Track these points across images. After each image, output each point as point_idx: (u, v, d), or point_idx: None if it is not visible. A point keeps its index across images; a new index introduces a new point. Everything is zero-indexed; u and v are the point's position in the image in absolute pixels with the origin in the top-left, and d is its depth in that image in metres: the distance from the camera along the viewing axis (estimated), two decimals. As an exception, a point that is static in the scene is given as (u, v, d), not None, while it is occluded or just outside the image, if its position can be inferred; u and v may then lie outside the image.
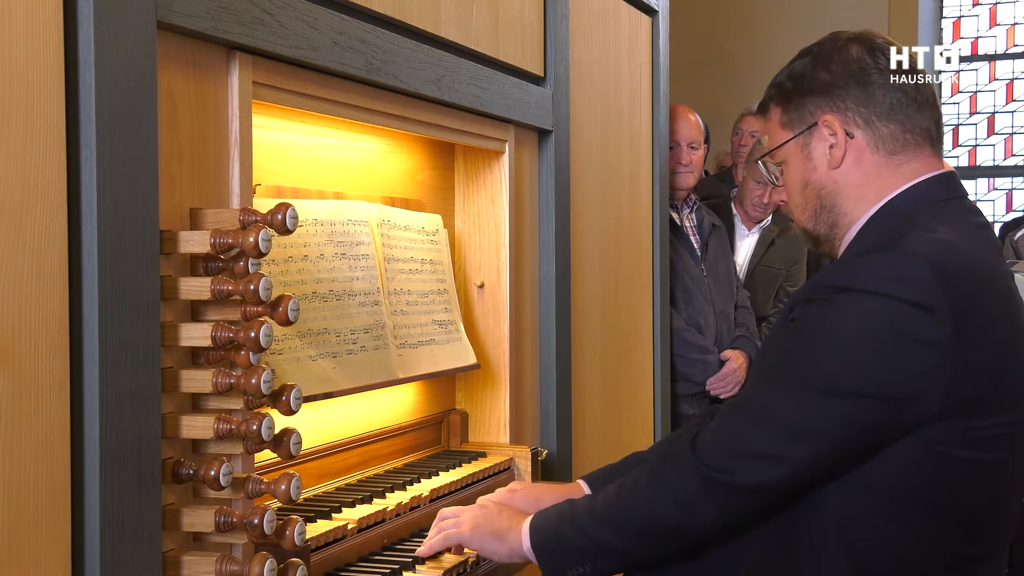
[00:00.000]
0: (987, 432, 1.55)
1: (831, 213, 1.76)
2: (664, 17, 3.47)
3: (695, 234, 3.80)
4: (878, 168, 1.71)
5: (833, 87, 1.73)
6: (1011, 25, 7.83)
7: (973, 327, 1.53)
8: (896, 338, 1.51)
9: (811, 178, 1.77)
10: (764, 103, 1.86)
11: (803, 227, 1.82)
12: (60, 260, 1.28)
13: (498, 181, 2.49)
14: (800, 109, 1.77)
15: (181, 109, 1.51)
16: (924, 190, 1.70)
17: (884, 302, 1.52)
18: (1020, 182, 7.83)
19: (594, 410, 2.98)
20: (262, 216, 1.49)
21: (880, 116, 1.71)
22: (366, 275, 2.08)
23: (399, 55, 1.97)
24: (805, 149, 1.77)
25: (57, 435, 1.27)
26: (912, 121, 1.71)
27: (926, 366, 1.51)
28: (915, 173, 1.71)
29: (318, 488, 2.02)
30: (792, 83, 1.79)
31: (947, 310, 1.51)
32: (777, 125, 1.82)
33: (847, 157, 1.72)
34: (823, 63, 1.75)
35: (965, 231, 1.64)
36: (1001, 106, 7.85)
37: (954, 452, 1.54)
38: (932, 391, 1.51)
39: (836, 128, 1.72)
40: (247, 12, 1.58)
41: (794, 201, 1.82)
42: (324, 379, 1.89)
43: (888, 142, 1.71)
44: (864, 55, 1.73)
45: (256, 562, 1.44)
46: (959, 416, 1.53)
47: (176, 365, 1.48)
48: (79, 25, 1.30)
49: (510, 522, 1.81)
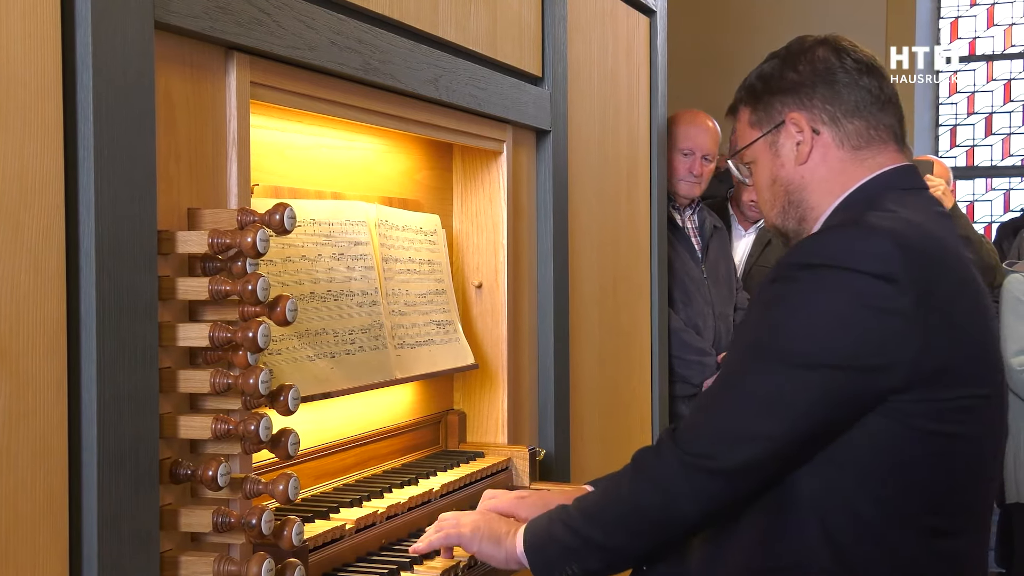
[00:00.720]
0: (953, 404, 1.58)
1: (799, 208, 1.81)
2: (662, 17, 3.47)
3: (696, 235, 3.80)
4: (843, 163, 1.77)
5: (800, 86, 1.79)
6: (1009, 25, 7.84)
7: (935, 299, 1.56)
8: (861, 309, 1.54)
9: (779, 174, 1.82)
10: (733, 105, 1.93)
11: (773, 223, 1.88)
12: (58, 260, 1.27)
13: (496, 181, 2.49)
14: (768, 108, 1.83)
15: (179, 109, 1.51)
16: (887, 179, 1.75)
17: (847, 275, 1.55)
18: (1018, 182, 7.84)
19: (592, 410, 2.98)
20: (260, 216, 1.49)
21: (846, 114, 1.77)
22: (364, 275, 2.08)
23: (397, 55, 1.97)
24: (773, 147, 1.82)
25: (55, 435, 1.27)
26: (876, 119, 1.77)
27: (891, 335, 1.54)
28: (879, 166, 1.77)
29: (316, 488, 2.02)
30: (761, 83, 1.85)
31: (908, 281, 1.54)
32: (746, 125, 1.88)
33: (814, 153, 1.78)
34: (791, 64, 1.82)
35: (927, 215, 1.69)
36: (999, 106, 7.86)
37: (921, 424, 1.57)
38: (899, 360, 1.54)
39: (803, 125, 1.78)
40: (245, 12, 1.58)
41: (763, 198, 1.88)
42: (322, 379, 1.89)
43: (853, 138, 1.77)
44: (830, 56, 1.79)
45: (254, 562, 1.44)
46: (925, 387, 1.56)
47: (174, 365, 1.48)
48: (77, 25, 1.30)
49: (509, 527, 1.82)
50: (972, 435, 1.62)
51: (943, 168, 4.43)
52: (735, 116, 1.92)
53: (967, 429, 1.60)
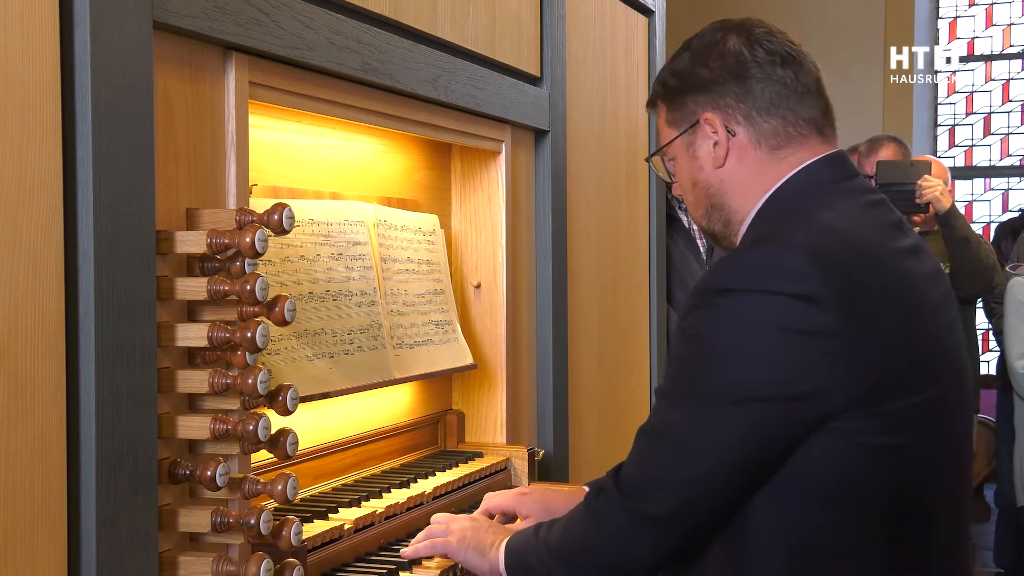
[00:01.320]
0: (897, 415, 1.52)
1: (722, 211, 1.74)
2: (661, 17, 3.47)
3: (701, 236, 3.79)
4: (761, 164, 1.69)
5: (712, 83, 1.71)
6: (1007, 25, 7.85)
7: (863, 311, 1.49)
8: (782, 333, 1.48)
9: (699, 177, 1.75)
10: (651, 99, 1.84)
11: (699, 224, 1.80)
12: (56, 260, 1.27)
13: (495, 181, 2.49)
14: (683, 107, 1.75)
15: (177, 109, 1.50)
16: (809, 175, 1.67)
17: (764, 298, 1.49)
18: (1016, 182, 7.84)
19: (591, 410, 2.98)
20: (258, 216, 1.49)
21: (761, 111, 1.68)
22: (363, 275, 2.08)
23: (395, 55, 1.97)
24: (691, 148, 1.75)
25: (53, 435, 1.27)
26: (795, 113, 1.68)
27: (817, 358, 1.47)
28: (800, 162, 1.68)
29: (315, 488, 2.02)
30: (675, 80, 1.77)
31: (831, 298, 1.47)
32: (664, 122, 1.80)
33: (730, 155, 1.70)
34: (702, 59, 1.73)
35: (853, 212, 1.61)
36: (997, 106, 7.86)
37: (866, 440, 1.50)
38: (830, 383, 1.48)
39: (717, 126, 1.70)
40: (243, 12, 1.58)
41: (687, 199, 1.81)
42: (321, 379, 1.89)
43: (770, 138, 1.68)
44: (742, 48, 1.70)
45: (253, 562, 1.44)
46: (865, 404, 1.49)
47: (172, 365, 1.48)
48: (75, 25, 1.29)
49: (495, 538, 1.81)
50: (922, 441, 1.55)
51: (941, 168, 4.43)
52: (655, 111, 1.84)
53: (915, 437, 1.54)
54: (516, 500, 1.97)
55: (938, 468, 1.60)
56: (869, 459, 1.52)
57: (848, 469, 1.52)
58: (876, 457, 1.52)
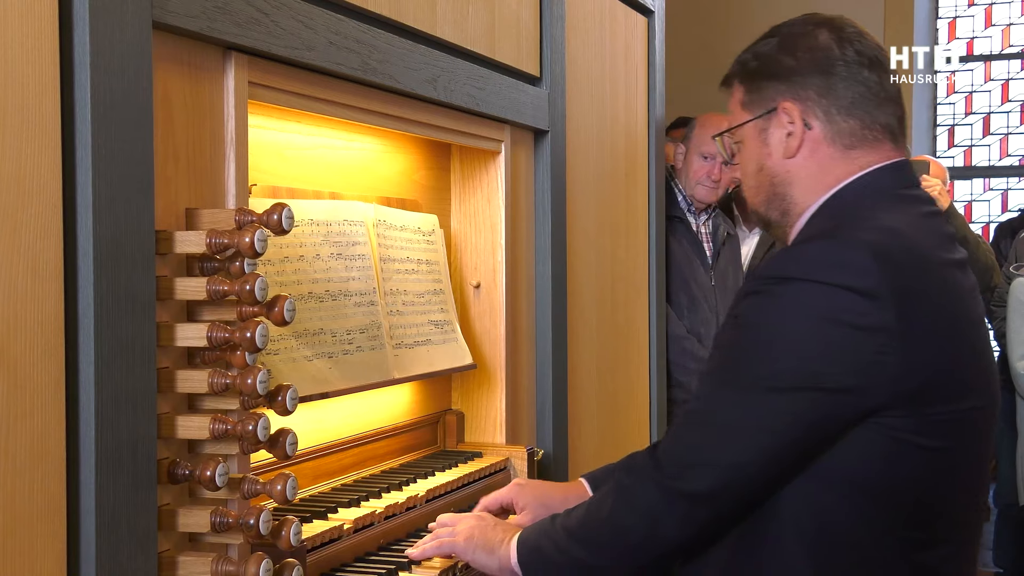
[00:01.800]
0: (943, 418, 1.53)
1: (783, 201, 1.74)
2: (660, 17, 3.47)
3: (709, 241, 3.77)
4: (832, 161, 1.69)
5: (795, 74, 1.70)
6: (1007, 26, 7.84)
7: (918, 313, 1.51)
8: (837, 326, 1.49)
9: (766, 163, 1.75)
10: (728, 77, 1.83)
11: (755, 209, 1.81)
12: (56, 260, 1.27)
13: (494, 181, 2.49)
14: (761, 92, 1.74)
15: (177, 109, 1.50)
16: (876, 179, 1.68)
17: (823, 289, 1.50)
18: (1015, 182, 7.84)
19: (590, 410, 2.98)
20: (258, 216, 1.49)
21: (840, 110, 1.68)
22: (362, 275, 2.08)
23: (395, 55, 1.97)
24: (763, 133, 1.74)
25: (53, 435, 1.27)
26: (872, 117, 1.69)
27: (870, 354, 1.49)
28: (868, 164, 1.69)
29: (314, 488, 2.02)
30: (756, 63, 1.76)
31: (889, 296, 1.49)
32: (738, 104, 1.80)
33: (803, 148, 1.70)
34: (789, 48, 1.72)
35: (913, 220, 1.62)
36: (996, 106, 7.86)
37: (910, 439, 1.52)
38: (878, 379, 1.49)
39: (795, 117, 1.70)
40: (243, 12, 1.58)
41: (748, 184, 1.81)
42: (320, 379, 1.89)
43: (845, 136, 1.69)
44: (832, 44, 1.70)
45: (252, 562, 1.44)
46: (911, 403, 1.51)
47: (172, 365, 1.48)
48: (75, 25, 1.29)
49: (503, 536, 1.80)
50: (960, 448, 1.57)
51: (939, 168, 4.43)
52: (729, 89, 1.83)
53: (955, 442, 1.56)
54: (512, 490, 1.97)
55: (966, 477, 1.62)
56: (906, 457, 1.53)
57: (883, 464, 1.54)
58: (913, 456, 1.53)
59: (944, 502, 1.60)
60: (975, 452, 1.63)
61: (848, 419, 1.52)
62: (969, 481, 1.64)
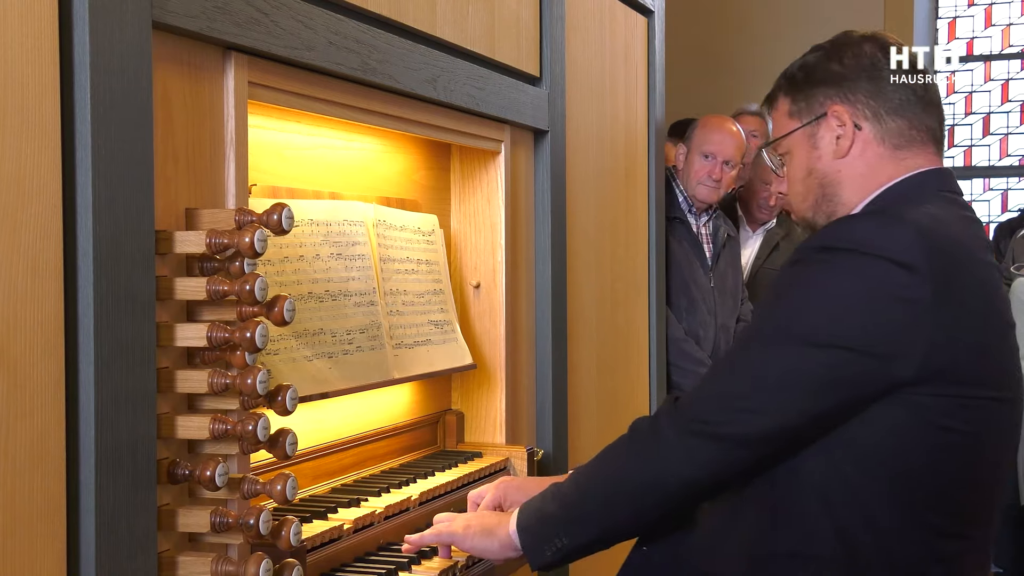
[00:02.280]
0: (967, 403, 1.57)
1: (831, 203, 1.79)
2: (660, 17, 3.47)
3: (709, 242, 3.77)
4: (881, 160, 1.75)
5: (844, 79, 1.77)
6: (1006, 26, 7.84)
7: (954, 295, 1.55)
8: (877, 294, 1.53)
9: (815, 166, 1.80)
10: (772, 94, 1.90)
11: (802, 216, 1.85)
12: (56, 260, 1.27)
13: (494, 181, 2.49)
14: (810, 99, 1.81)
15: (176, 109, 1.50)
16: (921, 181, 1.74)
17: (867, 259, 1.54)
18: (1015, 182, 7.84)
19: (590, 410, 2.98)
20: (258, 216, 1.49)
21: (889, 111, 1.75)
22: (362, 275, 2.08)
23: (395, 55, 1.97)
24: (812, 138, 1.80)
25: (52, 436, 1.27)
26: (919, 119, 1.76)
27: (905, 324, 1.53)
28: (915, 167, 1.75)
29: (314, 488, 2.02)
30: (803, 74, 1.83)
31: (929, 272, 1.53)
32: (784, 115, 1.85)
33: (853, 147, 1.76)
34: (836, 56, 1.79)
35: (955, 218, 1.67)
36: (996, 106, 7.86)
37: (936, 419, 1.55)
38: (909, 350, 1.52)
39: (845, 119, 1.76)
40: (242, 12, 1.58)
41: (795, 190, 1.85)
42: (320, 379, 1.89)
43: (894, 136, 1.75)
44: (877, 52, 1.78)
45: (252, 563, 1.44)
46: (938, 381, 1.54)
47: (172, 365, 1.48)
48: (74, 25, 1.29)
49: (500, 519, 1.81)
50: (983, 436, 1.60)
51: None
52: (773, 106, 1.89)
53: (978, 429, 1.59)
54: (499, 488, 1.96)
55: (990, 466, 1.65)
56: (933, 438, 1.56)
57: (911, 443, 1.56)
58: (940, 437, 1.57)
59: (967, 491, 1.62)
60: (996, 444, 1.65)
61: (877, 387, 1.55)
62: (989, 474, 1.66)
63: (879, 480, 1.57)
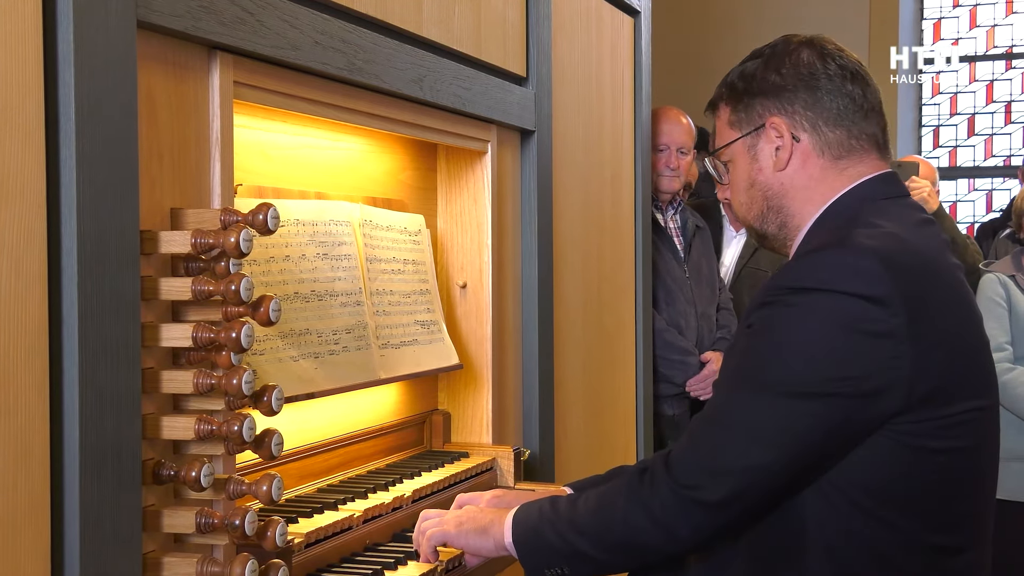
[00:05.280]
0: (955, 420, 1.57)
1: (779, 214, 1.79)
2: (646, 18, 3.47)
3: (679, 236, 3.81)
4: (824, 171, 1.74)
5: (783, 90, 1.76)
6: (991, 27, 7.88)
7: (926, 316, 1.55)
8: (852, 333, 1.52)
9: (757, 179, 1.79)
10: (714, 101, 1.89)
11: (750, 224, 1.85)
12: (40, 260, 1.27)
13: (480, 181, 2.49)
14: (748, 110, 1.79)
15: (161, 108, 1.50)
16: (867, 189, 1.73)
17: (837, 299, 1.53)
18: (1000, 182, 7.87)
19: (576, 410, 2.99)
20: (243, 216, 1.49)
21: (827, 121, 1.74)
22: (348, 275, 2.07)
23: (381, 55, 1.97)
24: (752, 150, 1.79)
25: (36, 436, 1.26)
26: (859, 127, 1.74)
27: (884, 359, 1.52)
28: (859, 175, 1.74)
29: (300, 489, 2.01)
30: (743, 83, 1.81)
31: (899, 301, 1.53)
32: (725, 124, 1.85)
33: (793, 160, 1.75)
34: (774, 65, 1.78)
35: (910, 227, 1.67)
36: (981, 107, 7.89)
37: (924, 443, 1.55)
38: (893, 383, 1.52)
39: (783, 131, 1.75)
40: (228, 11, 1.58)
41: (738, 200, 1.85)
42: (306, 380, 1.89)
43: (834, 147, 1.74)
44: (815, 60, 1.75)
45: (237, 563, 1.44)
46: (923, 406, 1.54)
47: (157, 366, 1.47)
48: (58, 23, 1.29)
49: (493, 516, 1.80)
50: (972, 448, 1.61)
51: (929, 169, 4.44)
52: (715, 113, 1.88)
53: (967, 442, 1.59)
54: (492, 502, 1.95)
55: (982, 473, 1.66)
56: (923, 462, 1.56)
57: (901, 471, 1.56)
58: (930, 460, 1.57)
59: (965, 504, 1.62)
60: (987, 451, 1.66)
61: (867, 425, 1.54)
62: (982, 481, 1.66)
63: (875, 511, 1.57)
